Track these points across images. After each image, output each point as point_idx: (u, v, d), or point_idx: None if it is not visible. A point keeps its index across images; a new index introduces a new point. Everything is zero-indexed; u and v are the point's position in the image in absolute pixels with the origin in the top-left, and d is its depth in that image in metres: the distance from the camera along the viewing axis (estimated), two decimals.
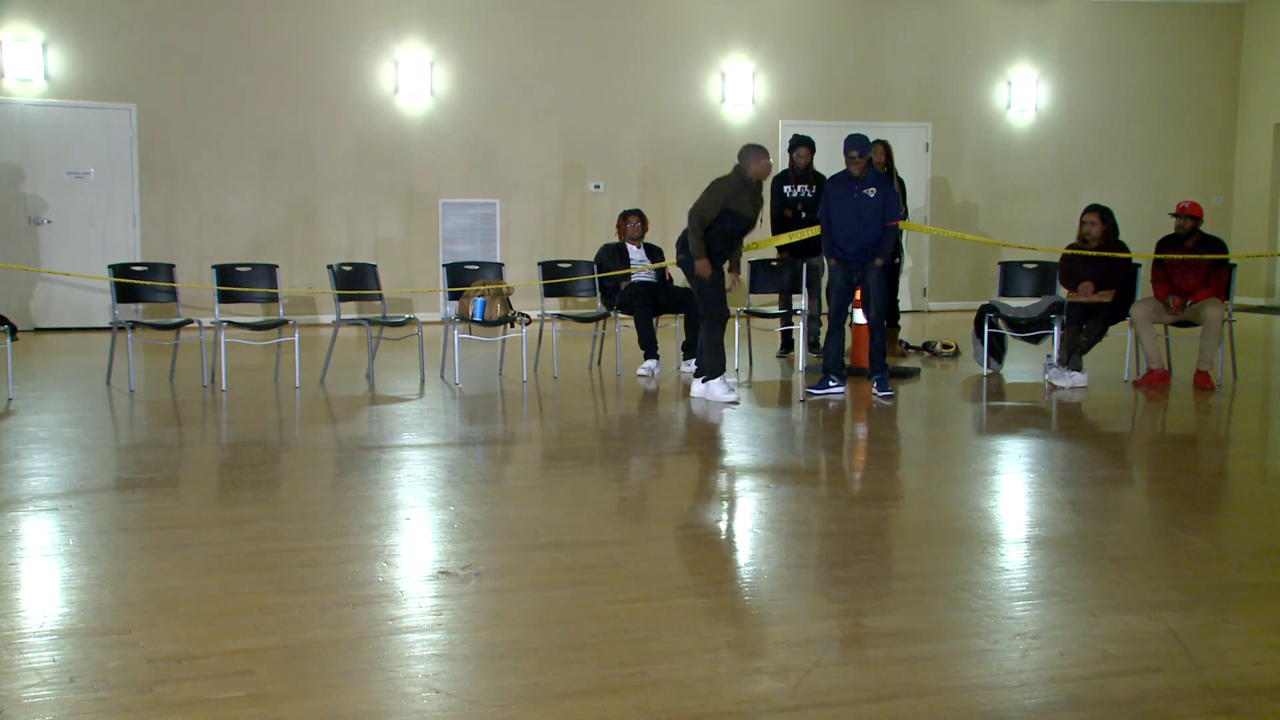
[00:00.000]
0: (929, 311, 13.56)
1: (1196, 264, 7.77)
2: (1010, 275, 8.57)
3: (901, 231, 9.49)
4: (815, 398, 7.22)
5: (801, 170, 9.10)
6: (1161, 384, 7.74)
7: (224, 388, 7.59)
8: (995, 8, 13.70)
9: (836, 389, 7.31)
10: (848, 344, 8.03)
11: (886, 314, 9.87)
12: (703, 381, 7.16)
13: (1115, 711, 2.69)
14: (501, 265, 8.74)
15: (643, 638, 3.12)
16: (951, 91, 13.62)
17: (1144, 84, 14.09)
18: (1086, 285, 7.82)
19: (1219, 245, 7.90)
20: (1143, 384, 7.74)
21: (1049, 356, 7.97)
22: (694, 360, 8.25)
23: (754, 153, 7.12)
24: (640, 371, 8.19)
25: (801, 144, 9.12)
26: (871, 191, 7.20)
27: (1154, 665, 2.95)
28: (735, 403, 7.00)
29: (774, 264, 8.97)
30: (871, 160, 7.39)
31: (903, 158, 10.94)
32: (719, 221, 7.09)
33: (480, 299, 8.02)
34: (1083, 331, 7.79)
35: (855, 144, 7.21)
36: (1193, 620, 3.27)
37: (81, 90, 11.34)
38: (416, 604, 3.40)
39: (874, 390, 7.25)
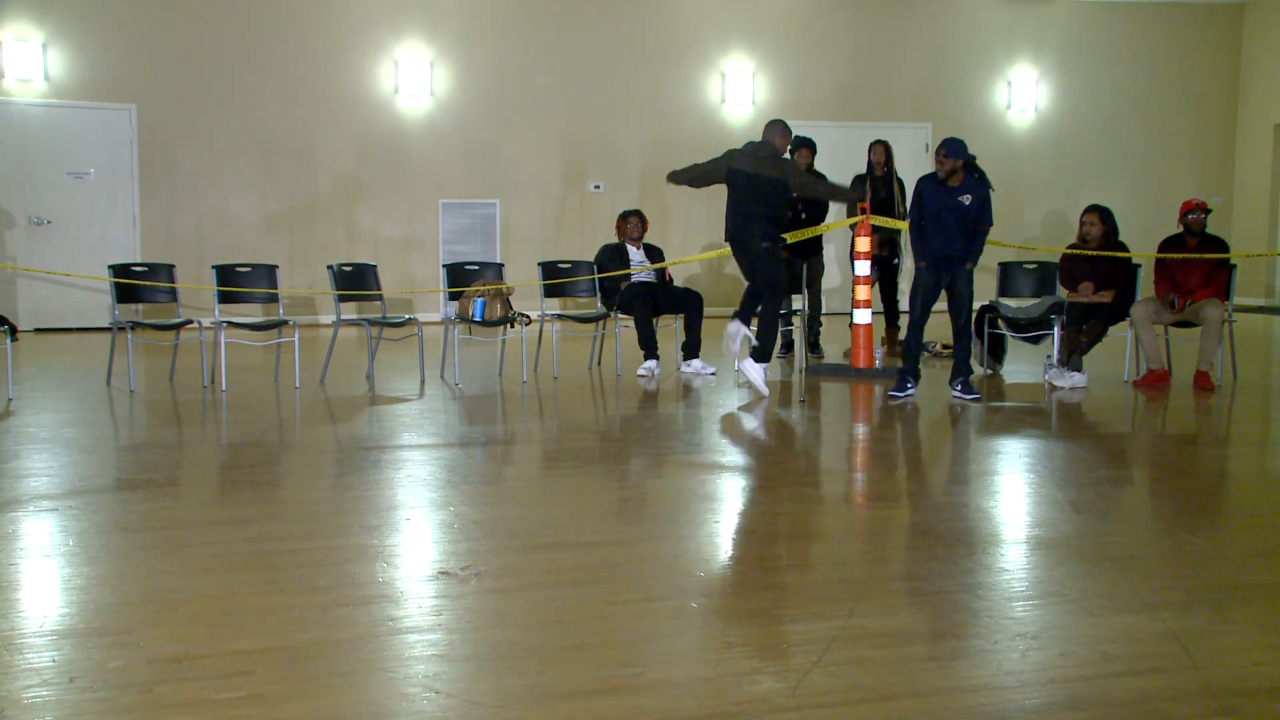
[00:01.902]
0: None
1: (1198, 264, 7.77)
2: (1010, 275, 8.57)
3: (900, 232, 9.49)
4: (898, 401, 7.13)
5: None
6: (1161, 384, 7.74)
7: (224, 388, 7.59)
8: (995, 8, 13.70)
9: (911, 391, 7.25)
10: (846, 344, 8.03)
11: (894, 315, 9.94)
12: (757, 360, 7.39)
13: (1115, 712, 2.69)
14: (501, 265, 8.74)
15: (643, 638, 3.12)
16: (951, 91, 13.62)
17: (1144, 84, 14.09)
18: (1086, 285, 7.83)
19: (1220, 245, 7.90)
20: (1143, 384, 7.74)
21: (1049, 357, 7.97)
22: (694, 361, 8.28)
23: (781, 128, 7.50)
24: (640, 372, 8.19)
25: (803, 145, 9.11)
26: (967, 199, 7.04)
27: (1154, 665, 2.95)
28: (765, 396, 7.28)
29: None
30: (969, 166, 7.11)
31: (903, 158, 10.93)
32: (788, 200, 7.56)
33: (480, 299, 8.02)
34: (1083, 332, 7.79)
35: (948, 148, 7.00)
36: (1193, 620, 3.27)
37: (81, 90, 11.34)
38: (416, 604, 3.40)
39: (959, 392, 7.17)
